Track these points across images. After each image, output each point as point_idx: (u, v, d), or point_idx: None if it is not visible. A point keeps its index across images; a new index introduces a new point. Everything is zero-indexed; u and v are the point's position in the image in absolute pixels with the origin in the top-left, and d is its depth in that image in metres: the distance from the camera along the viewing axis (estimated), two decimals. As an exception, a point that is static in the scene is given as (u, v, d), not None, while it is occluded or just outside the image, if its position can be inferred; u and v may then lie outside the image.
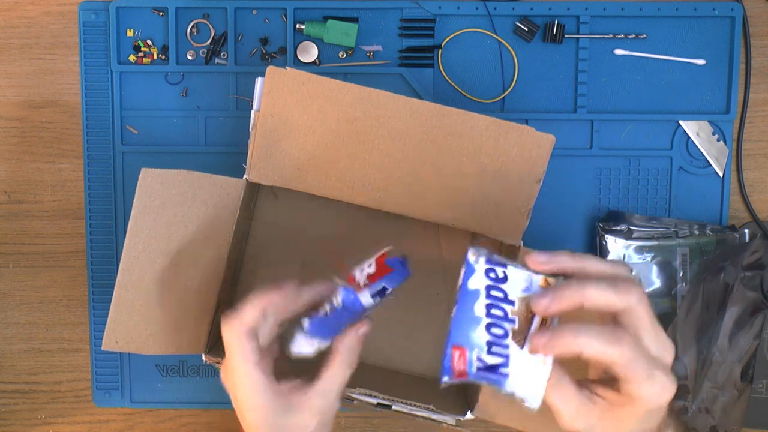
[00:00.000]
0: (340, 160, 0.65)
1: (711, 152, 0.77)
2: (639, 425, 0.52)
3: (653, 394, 0.51)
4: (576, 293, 0.50)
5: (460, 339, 0.52)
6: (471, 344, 0.52)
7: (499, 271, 0.52)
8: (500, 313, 0.52)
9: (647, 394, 0.51)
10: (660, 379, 0.51)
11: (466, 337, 0.52)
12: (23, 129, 0.78)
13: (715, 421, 0.76)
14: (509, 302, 0.52)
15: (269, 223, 0.75)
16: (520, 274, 0.52)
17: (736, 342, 0.75)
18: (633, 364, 0.50)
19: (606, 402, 0.52)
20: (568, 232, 0.77)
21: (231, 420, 0.80)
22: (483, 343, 0.52)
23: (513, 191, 0.64)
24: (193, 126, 0.77)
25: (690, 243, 0.76)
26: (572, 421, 0.52)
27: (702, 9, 0.75)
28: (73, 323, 0.80)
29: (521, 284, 0.52)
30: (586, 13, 0.76)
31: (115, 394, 0.79)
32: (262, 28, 0.76)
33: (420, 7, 0.76)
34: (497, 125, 0.63)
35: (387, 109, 0.63)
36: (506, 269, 0.53)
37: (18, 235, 0.79)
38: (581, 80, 0.76)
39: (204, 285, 0.67)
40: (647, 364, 0.50)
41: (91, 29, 0.76)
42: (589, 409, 0.52)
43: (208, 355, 0.68)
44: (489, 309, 0.52)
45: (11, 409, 0.81)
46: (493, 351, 0.52)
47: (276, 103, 0.64)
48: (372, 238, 0.74)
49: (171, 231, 0.64)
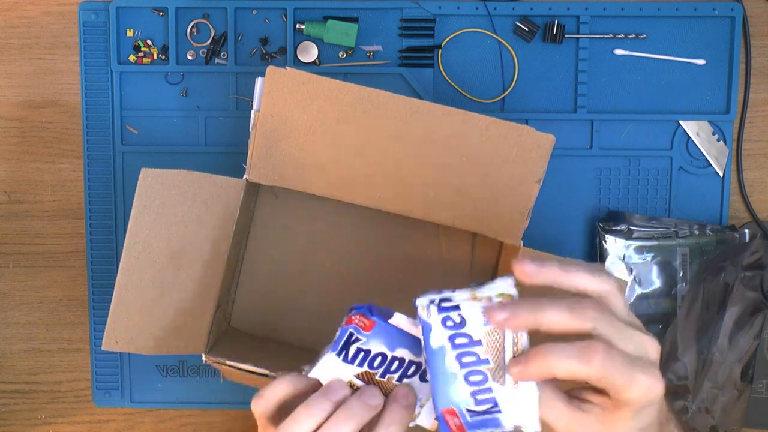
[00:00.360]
0: (340, 160, 0.65)
1: (711, 152, 0.77)
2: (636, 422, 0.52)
3: (639, 395, 0.50)
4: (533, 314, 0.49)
5: (445, 402, 0.52)
6: (457, 403, 0.51)
7: (455, 316, 0.51)
8: (473, 359, 0.51)
9: (633, 396, 0.50)
10: (642, 379, 0.50)
11: (450, 397, 0.51)
12: (23, 129, 0.78)
13: (715, 421, 0.76)
14: (476, 343, 0.51)
15: (269, 223, 0.75)
16: (475, 310, 0.51)
17: (736, 342, 0.75)
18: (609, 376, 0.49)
19: (599, 407, 0.52)
20: (568, 232, 0.77)
21: (231, 420, 0.80)
22: (468, 396, 0.51)
23: (513, 191, 0.64)
24: (193, 126, 0.77)
25: (690, 243, 0.76)
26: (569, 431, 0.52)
27: (702, 9, 0.75)
28: (73, 323, 0.80)
29: (480, 320, 0.51)
30: (586, 13, 0.76)
31: (115, 394, 0.79)
32: (262, 28, 0.76)
33: (420, 7, 0.76)
34: (497, 125, 0.63)
35: (387, 109, 0.63)
36: (460, 311, 0.51)
37: (18, 235, 0.79)
38: (581, 80, 0.76)
39: (204, 285, 0.67)
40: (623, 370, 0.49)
41: (91, 29, 0.76)
42: (583, 417, 0.52)
43: (208, 355, 0.68)
44: (460, 359, 0.51)
45: (11, 409, 0.81)
46: (479, 399, 0.51)
47: (276, 103, 0.64)
48: (372, 238, 0.74)
49: (171, 231, 0.64)
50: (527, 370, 0.50)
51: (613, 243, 0.75)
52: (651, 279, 0.75)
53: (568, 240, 0.77)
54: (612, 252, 0.75)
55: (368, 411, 0.52)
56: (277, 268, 0.75)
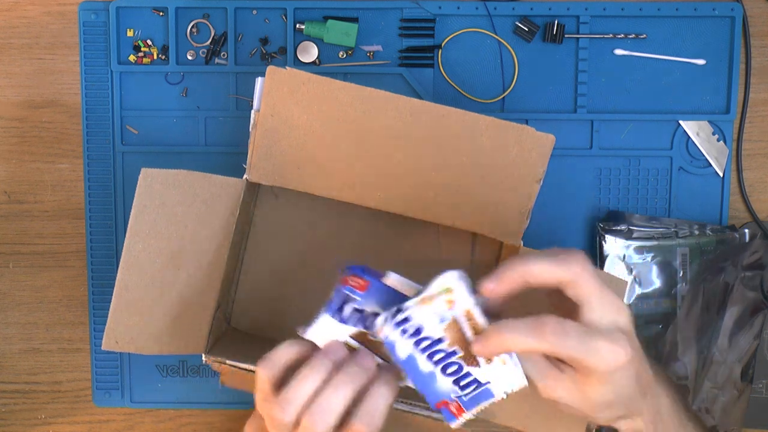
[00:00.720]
0: (340, 160, 0.65)
1: (711, 152, 0.77)
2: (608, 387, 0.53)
3: (599, 362, 0.52)
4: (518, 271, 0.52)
5: (435, 398, 0.55)
6: (445, 394, 0.55)
7: (410, 327, 0.54)
8: (442, 354, 0.54)
9: (593, 364, 0.52)
10: (602, 347, 0.51)
11: (437, 393, 0.55)
12: (23, 129, 0.78)
13: (715, 421, 0.76)
14: (439, 341, 0.54)
15: (269, 223, 0.75)
16: (426, 313, 0.54)
17: (736, 342, 0.75)
18: (562, 349, 0.51)
19: (572, 370, 0.53)
20: (568, 232, 0.77)
21: (231, 420, 0.80)
22: (451, 386, 0.54)
23: (513, 191, 0.64)
24: (193, 126, 0.77)
25: (690, 243, 0.76)
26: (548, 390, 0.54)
27: (702, 9, 0.75)
28: (73, 323, 0.80)
29: (434, 319, 0.53)
30: (586, 13, 0.76)
31: (115, 394, 0.79)
32: (262, 28, 0.76)
33: (420, 7, 0.76)
34: (497, 125, 0.63)
35: (387, 109, 0.63)
36: (413, 320, 0.54)
37: (18, 235, 0.79)
38: (581, 80, 0.76)
39: (204, 285, 0.67)
40: (579, 340, 0.51)
41: (91, 29, 0.76)
42: (560, 377, 0.53)
43: (208, 355, 0.68)
44: (431, 358, 0.54)
45: (11, 409, 0.81)
46: (462, 385, 0.54)
47: (276, 103, 0.64)
48: (372, 238, 0.74)
49: (171, 231, 0.64)
50: (487, 349, 0.52)
51: (613, 243, 0.75)
52: (651, 279, 0.75)
53: (568, 240, 0.77)
54: (612, 252, 0.75)
55: (365, 374, 0.54)
56: (277, 268, 0.75)
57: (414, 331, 0.54)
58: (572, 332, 0.51)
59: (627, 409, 0.56)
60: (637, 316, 0.75)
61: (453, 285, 0.53)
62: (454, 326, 0.53)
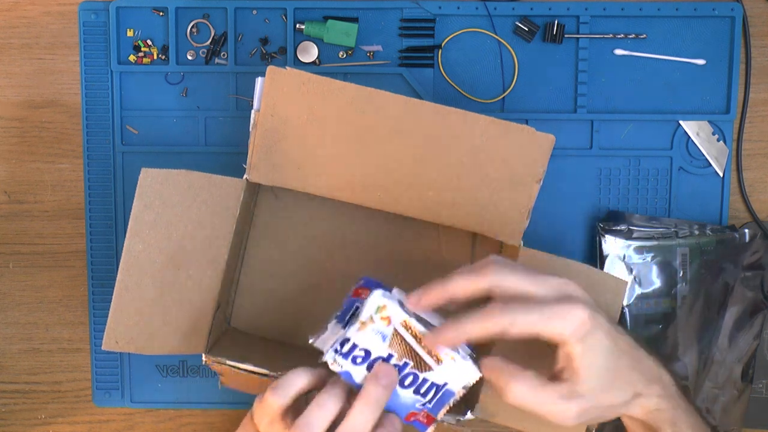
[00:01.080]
0: (340, 160, 0.65)
1: (711, 152, 0.77)
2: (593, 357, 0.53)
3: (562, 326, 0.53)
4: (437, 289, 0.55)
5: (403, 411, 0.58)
6: (411, 405, 0.58)
7: (358, 352, 0.57)
8: None
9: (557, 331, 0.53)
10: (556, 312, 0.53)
11: (402, 406, 0.58)
12: (23, 129, 0.78)
13: (715, 421, 0.76)
14: (388, 358, 0.57)
15: (269, 223, 0.75)
16: (368, 336, 0.56)
17: (736, 342, 0.75)
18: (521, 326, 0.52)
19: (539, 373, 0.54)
20: (568, 232, 0.77)
21: (231, 420, 0.80)
22: (413, 395, 0.58)
23: (513, 191, 0.64)
24: (193, 126, 0.77)
25: (690, 243, 0.76)
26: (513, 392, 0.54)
27: (702, 9, 0.75)
28: (73, 323, 0.80)
29: (377, 339, 0.56)
30: (586, 13, 0.76)
31: (115, 394, 0.79)
32: (262, 28, 0.76)
33: (420, 7, 0.76)
34: (497, 125, 0.63)
35: (387, 109, 0.63)
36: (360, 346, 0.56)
37: (18, 235, 0.79)
38: (581, 80, 0.76)
39: (204, 285, 0.67)
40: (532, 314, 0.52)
41: (91, 29, 0.76)
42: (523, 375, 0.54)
43: (208, 355, 0.68)
44: None
45: (11, 409, 0.81)
46: (423, 392, 0.58)
47: (276, 103, 0.64)
48: (372, 238, 0.74)
49: (171, 231, 0.64)
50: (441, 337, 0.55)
51: (613, 243, 0.75)
52: (651, 279, 0.75)
53: (568, 240, 0.77)
54: (612, 252, 0.75)
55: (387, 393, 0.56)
56: (277, 268, 0.75)
57: (364, 356, 0.56)
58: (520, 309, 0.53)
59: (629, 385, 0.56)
60: (637, 316, 0.75)
61: (384, 302, 0.56)
62: (398, 338, 0.56)
